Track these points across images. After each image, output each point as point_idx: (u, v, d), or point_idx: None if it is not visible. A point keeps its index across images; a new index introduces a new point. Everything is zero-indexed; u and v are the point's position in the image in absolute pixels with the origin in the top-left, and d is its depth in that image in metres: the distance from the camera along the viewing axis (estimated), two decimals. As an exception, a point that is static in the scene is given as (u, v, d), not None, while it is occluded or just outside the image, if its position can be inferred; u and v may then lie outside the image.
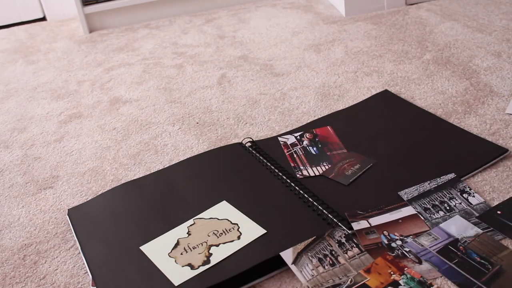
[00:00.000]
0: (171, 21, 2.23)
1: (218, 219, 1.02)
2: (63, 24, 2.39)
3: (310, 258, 0.90)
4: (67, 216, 1.11)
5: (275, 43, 1.85)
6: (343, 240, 0.93)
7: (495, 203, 0.98)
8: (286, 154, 1.21)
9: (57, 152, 1.36)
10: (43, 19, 2.49)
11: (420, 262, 0.87)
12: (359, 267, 0.88)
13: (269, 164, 1.16)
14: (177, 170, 1.19)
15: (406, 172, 1.08)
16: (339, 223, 0.96)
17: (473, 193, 1.00)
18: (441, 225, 0.93)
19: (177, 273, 0.91)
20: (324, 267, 0.88)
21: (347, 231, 0.94)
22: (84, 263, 0.98)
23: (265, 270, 0.90)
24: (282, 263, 0.90)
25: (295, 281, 0.88)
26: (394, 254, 0.89)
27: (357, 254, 0.90)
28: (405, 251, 0.89)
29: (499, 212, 0.95)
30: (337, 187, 1.07)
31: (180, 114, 1.46)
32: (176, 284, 0.88)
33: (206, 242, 0.96)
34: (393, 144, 1.18)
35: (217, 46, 1.90)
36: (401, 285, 0.83)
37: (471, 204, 0.98)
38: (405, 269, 0.86)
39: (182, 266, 0.92)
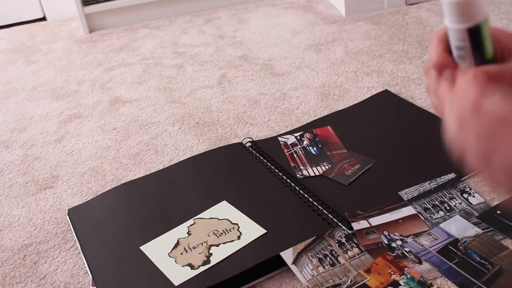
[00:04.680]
0: (171, 21, 2.23)
1: (218, 219, 1.02)
2: (63, 24, 2.39)
3: (310, 258, 0.90)
4: (67, 216, 1.11)
5: (275, 43, 1.85)
6: (343, 240, 0.93)
7: (495, 203, 0.98)
8: (286, 154, 1.21)
9: (57, 152, 1.36)
10: (43, 19, 2.49)
11: (420, 262, 0.87)
12: (359, 267, 0.88)
13: (269, 164, 1.16)
14: (177, 170, 1.19)
15: (406, 172, 1.08)
16: (339, 223, 0.96)
17: (473, 193, 1.00)
18: (441, 225, 0.93)
19: (177, 273, 0.91)
20: (324, 267, 0.88)
21: (347, 231, 0.94)
22: (84, 263, 0.98)
23: (265, 270, 0.90)
24: (282, 263, 0.90)
25: (295, 281, 0.88)
26: (394, 254, 0.89)
27: (357, 254, 0.90)
28: (405, 251, 0.89)
29: (499, 212, 0.95)
30: (337, 187, 1.07)
31: (180, 114, 1.46)
32: (176, 284, 0.88)
33: (206, 242, 0.96)
34: (393, 144, 1.18)
35: (217, 46, 1.90)
36: (401, 285, 0.83)
37: (471, 204, 0.98)
38: (405, 269, 0.86)
39: (182, 266, 0.92)
